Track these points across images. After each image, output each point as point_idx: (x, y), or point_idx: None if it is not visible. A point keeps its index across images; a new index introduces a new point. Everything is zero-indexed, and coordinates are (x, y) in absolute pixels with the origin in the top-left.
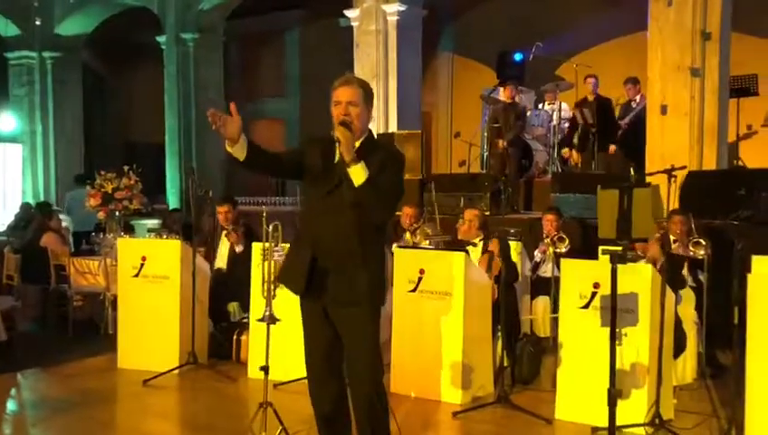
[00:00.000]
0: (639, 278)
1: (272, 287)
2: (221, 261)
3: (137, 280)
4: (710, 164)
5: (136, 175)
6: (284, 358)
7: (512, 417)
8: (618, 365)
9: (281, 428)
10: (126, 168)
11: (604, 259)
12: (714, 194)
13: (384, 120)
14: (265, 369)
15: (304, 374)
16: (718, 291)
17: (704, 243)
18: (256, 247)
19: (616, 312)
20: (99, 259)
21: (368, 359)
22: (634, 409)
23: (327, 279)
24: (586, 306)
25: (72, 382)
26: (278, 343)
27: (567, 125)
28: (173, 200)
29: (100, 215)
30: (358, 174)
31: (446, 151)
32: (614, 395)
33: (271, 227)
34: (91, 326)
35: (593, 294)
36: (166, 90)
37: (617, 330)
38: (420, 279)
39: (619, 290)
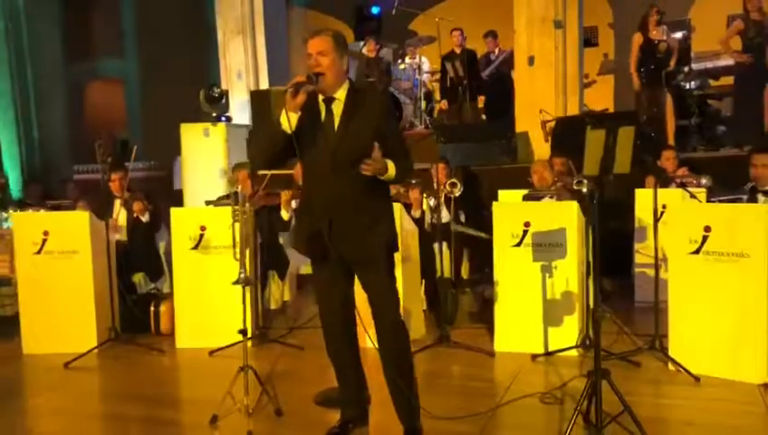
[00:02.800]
0: (566, 215)
1: (244, 250)
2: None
3: (39, 257)
4: (573, 110)
5: None
6: (213, 325)
7: (455, 354)
8: (550, 295)
9: (261, 389)
10: None
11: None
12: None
13: (254, 77)
14: (244, 332)
15: (236, 340)
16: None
17: (585, 181)
18: (178, 213)
19: (596, 240)
20: None
21: (390, 298)
22: (567, 334)
23: (346, 240)
24: (518, 244)
25: None
26: (203, 310)
27: (431, 78)
28: (13, 175)
29: None
30: (389, 175)
31: None
32: (597, 319)
33: (239, 188)
34: None
35: (524, 232)
36: None
37: (547, 263)
38: None
39: (549, 226)
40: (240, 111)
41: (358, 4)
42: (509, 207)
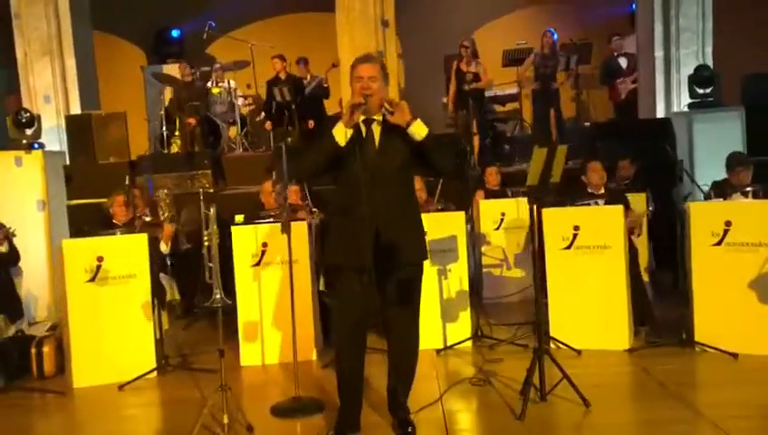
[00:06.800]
0: (456, 224)
1: (217, 270)
2: None
3: None
4: None
5: None
6: (115, 359)
7: (368, 358)
8: (446, 295)
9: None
10: None
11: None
12: None
13: (64, 100)
14: (221, 352)
15: (142, 371)
16: None
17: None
18: (71, 244)
19: (542, 240)
20: None
21: (416, 315)
22: (462, 328)
23: (391, 247)
24: None
25: None
26: (104, 345)
27: (246, 102)
28: None
29: None
30: (420, 128)
31: None
32: (539, 306)
33: (211, 211)
34: None
35: None
36: None
37: (443, 267)
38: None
39: (442, 234)
40: (49, 137)
41: (158, 28)
42: None
